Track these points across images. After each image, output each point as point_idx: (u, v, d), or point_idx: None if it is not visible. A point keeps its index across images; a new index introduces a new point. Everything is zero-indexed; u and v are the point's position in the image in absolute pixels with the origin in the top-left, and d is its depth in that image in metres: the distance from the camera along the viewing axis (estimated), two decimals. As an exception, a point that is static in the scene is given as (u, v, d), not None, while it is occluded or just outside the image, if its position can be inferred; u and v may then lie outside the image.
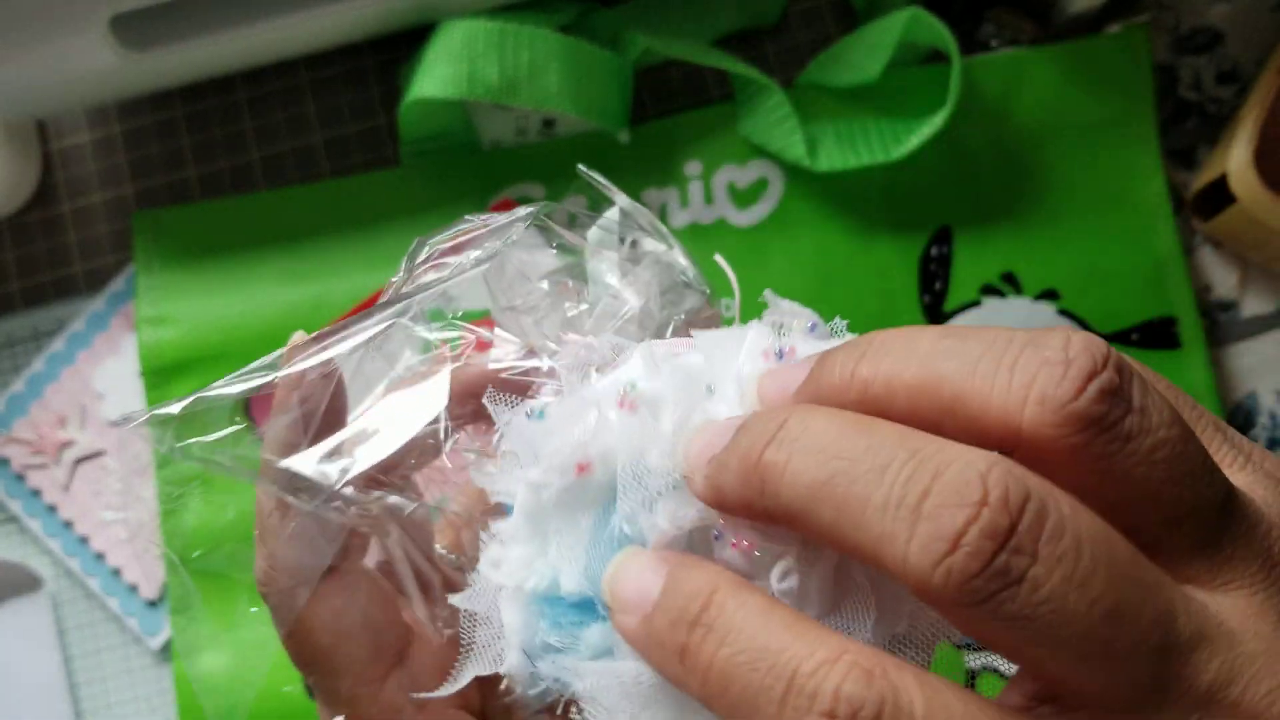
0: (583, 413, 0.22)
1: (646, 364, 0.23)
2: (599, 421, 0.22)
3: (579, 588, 0.21)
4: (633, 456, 0.21)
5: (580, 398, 0.23)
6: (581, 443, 0.21)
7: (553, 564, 0.22)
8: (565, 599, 0.22)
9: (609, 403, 0.22)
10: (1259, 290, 0.52)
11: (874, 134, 0.50)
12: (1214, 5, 0.53)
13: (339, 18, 0.47)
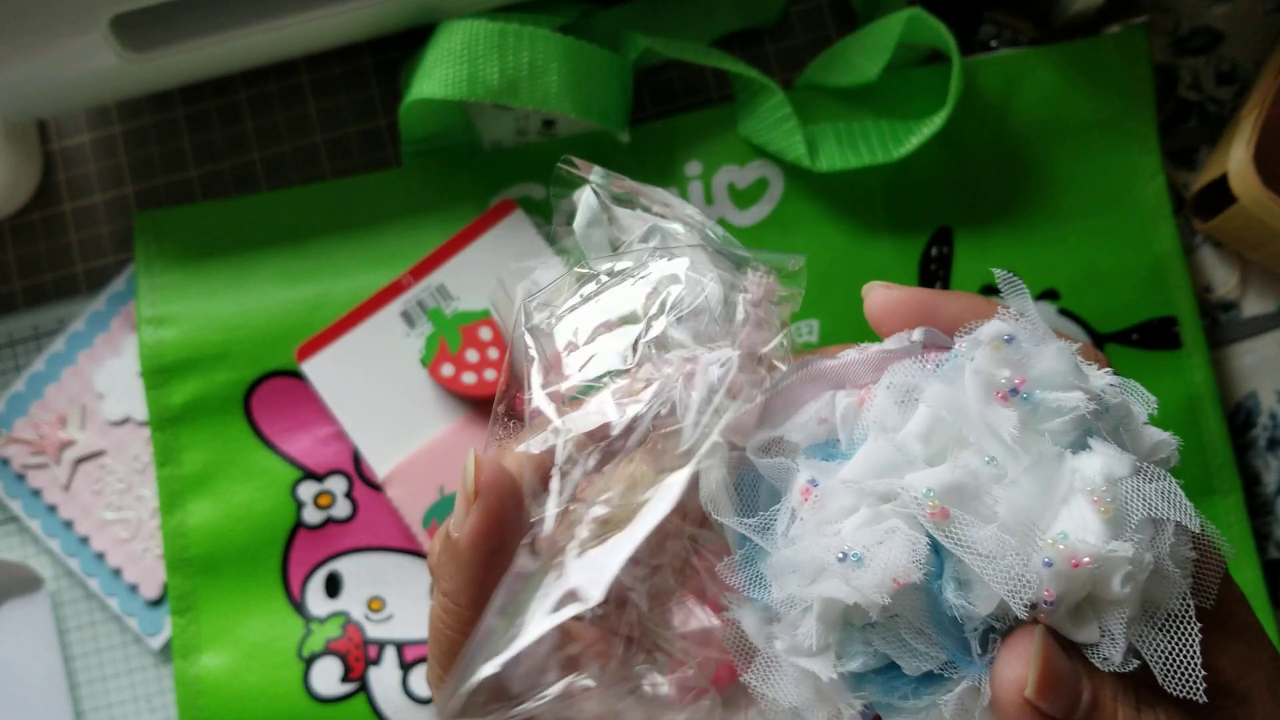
0: (887, 533, 0.22)
1: (921, 437, 0.23)
2: (915, 545, 0.22)
3: (929, 667, 0.22)
4: (968, 555, 0.22)
5: (876, 512, 0.23)
6: (897, 566, 0.22)
7: (878, 649, 0.23)
8: (903, 674, 0.23)
9: (913, 516, 0.22)
10: (1259, 290, 0.52)
11: (874, 134, 0.50)
12: (1213, 6, 0.53)
13: (339, 19, 0.47)
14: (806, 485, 0.24)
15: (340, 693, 0.49)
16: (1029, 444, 0.23)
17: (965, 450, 0.23)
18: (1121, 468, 0.22)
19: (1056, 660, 0.21)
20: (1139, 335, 0.50)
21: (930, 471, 0.23)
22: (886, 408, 0.24)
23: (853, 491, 0.23)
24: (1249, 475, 0.51)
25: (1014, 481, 0.22)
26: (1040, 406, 0.23)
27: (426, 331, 0.50)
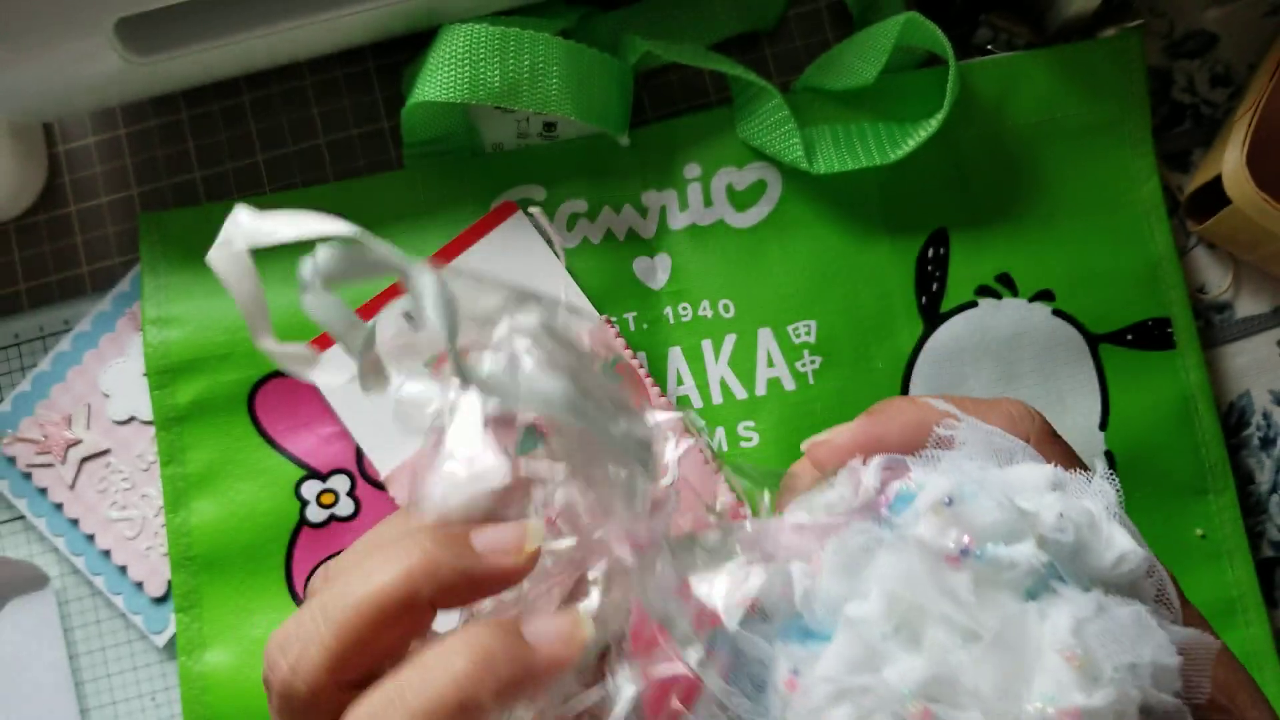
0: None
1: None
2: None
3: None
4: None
5: (859, 708, 0.22)
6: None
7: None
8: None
9: (897, 703, 0.22)
10: (1253, 291, 0.53)
11: (871, 137, 0.50)
12: (1207, 9, 0.54)
13: (343, 22, 0.47)
14: (790, 677, 0.24)
15: (343, 689, 0.50)
16: (989, 603, 0.23)
17: (929, 624, 0.23)
18: (1086, 610, 0.22)
19: None
20: (1133, 336, 0.51)
21: (904, 667, 0.22)
22: (837, 576, 0.24)
23: (830, 687, 0.23)
24: (1242, 474, 0.52)
25: (985, 654, 0.22)
26: (992, 562, 0.23)
27: (428, 332, 0.50)
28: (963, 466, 0.25)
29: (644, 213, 0.52)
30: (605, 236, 0.52)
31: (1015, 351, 0.51)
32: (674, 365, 0.51)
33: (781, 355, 0.51)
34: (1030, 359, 0.51)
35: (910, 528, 0.24)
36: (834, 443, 0.27)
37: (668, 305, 0.52)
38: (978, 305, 0.51)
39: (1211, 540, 0.50)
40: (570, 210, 0.52)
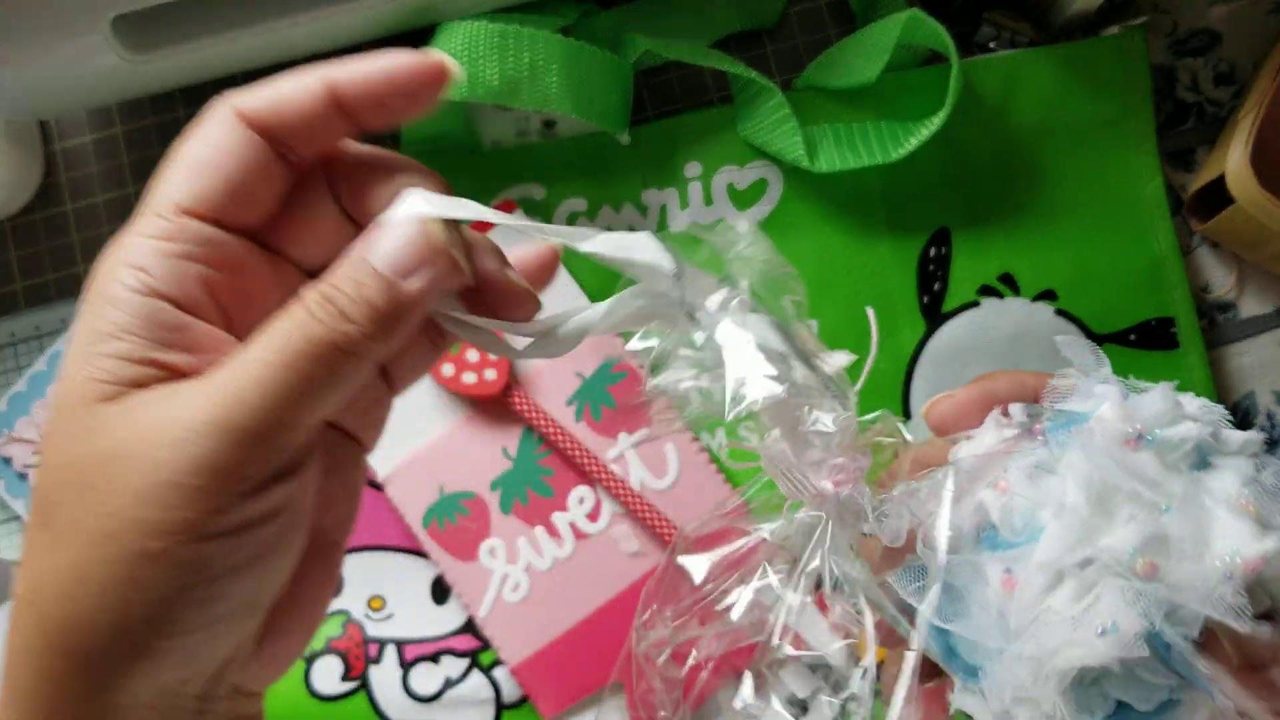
0: (1100, 596, 0.25)
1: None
2: (1138, 600, 0.24)
3: (1163, 696, 0.25)
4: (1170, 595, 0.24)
5: (1081, 580, 0.25)
6: (1136, 622, 0.24)
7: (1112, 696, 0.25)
8: (1136, 712, 0.25)
9: (1117, 574, 0.25)
10: (1256, 290, 0.52)
11: (872, 135, 0.50)
12: (1211, 7, 0.53)
13: (341, 20, 0.47)
14: (1005, 577, 0.26)
15: (341, 691, 0.50)
16: (1169, 476, 0.26)
17: (1123, 501, 0.25)
18: (1247, 470, 0.26)
19: (1244, 634, 0.24)
20: (1136, 336, 0.51)
21: (1121, 534, 0.25)
22: (1027, 488, 0.27)
23: (1049, 571, 0.25)
24: (1246, 475, 0.51)
25: (1179, 516, 0.25)
26: (1164, 442, 0.26)
27: (427, 331, 0.50)
28: (1096, 390, 0.28)
29: (644, 211, 0.52)
30: (605, 235, 0.51)
31: (1017, 351, 0.50)
32: (674, 365, 0.51)
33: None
34: (1033, 359, 0.50)
35: (1091, 425, 0.27)
36: (956, 398, 0.30)
37: (668, 305, 0.51)
38: (980, 305, 0.51)
39: None
40: (570, 209, 0.52)
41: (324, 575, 0.28)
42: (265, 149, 0.25)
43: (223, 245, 0.25)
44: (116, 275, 0.23)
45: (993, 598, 0.26)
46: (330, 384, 0.23)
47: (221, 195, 0.25)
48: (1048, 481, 0.26)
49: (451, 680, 0.50)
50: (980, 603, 0.26)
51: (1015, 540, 0.26)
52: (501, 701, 0.50)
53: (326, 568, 0.28)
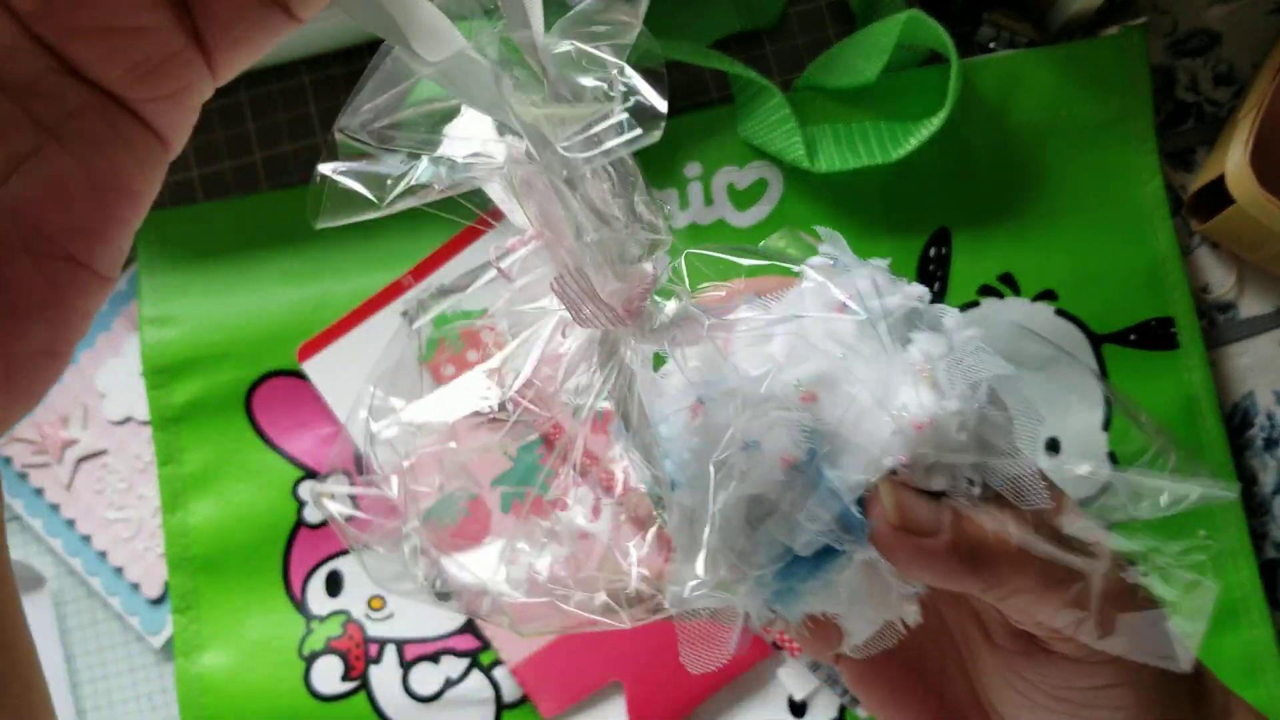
0: (769, 425, 0.26)
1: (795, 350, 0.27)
2: (793, 429, 0.26)
3: (822, 539, 0.26)
4: (834, 437, 0.26)
5: (757, 411, 0.27)
6: (783, 447, 0.26)
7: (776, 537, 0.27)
8: (800, 559, 0.27)
9: (788, 411, 0.26)
10: (1256, 291, 0.52)
11: (872, 135, 0.50)
12: (1211, 7, 0.53)
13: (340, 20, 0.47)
14: (695, 402, 0.27)
15: (341, 691, 0.50)
16: (866, 342, 0.27)
17: (816, 354, 0.27)
18: (937, 347, 0.27)
19: (907, 493, 0.26)
20: (1136, 336, 0.51)
21: (795, 368, 0.27)
22: (743, 342, 0.28)
23: (733, 400, 0.27)
24: (1246, 475, 0.51)
25: (857, 366, 0.27)
26: (870, 311, 0.28)
27: (427, 331, 0.50)
28: (813, 262, 0.30)
29: (644, 212, 0.52)
30: (605, 235, 0.51)
31: (1017, 351, 0.50)
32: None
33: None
34: (1033, 358, 0.50)
35: (804, 286, 0.29)
36: (731, 285, 0.31)
37: (668, 305, 0.51)
38: (980, 305, 0.51)
39: (1215, 542, 0.50)
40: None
41: (49, 295, 0.21)
42: None
43: None
44: None
45: (686, 422, 0.27)
46: None
47: None
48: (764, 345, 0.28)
49: (452, 680, 0.50)
50: (678, 429, 0.28)
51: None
52: (501, 701, 0.50)
53: (54, 288, 0.21)
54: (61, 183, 0.21)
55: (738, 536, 0.27)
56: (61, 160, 0.21)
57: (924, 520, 0.26)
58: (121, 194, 0.22)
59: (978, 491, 0.27)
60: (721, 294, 0.31)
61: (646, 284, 0.27)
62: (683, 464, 0.27)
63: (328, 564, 0.51)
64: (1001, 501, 0.27)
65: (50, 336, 0.21)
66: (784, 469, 0.26)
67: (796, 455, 0.26)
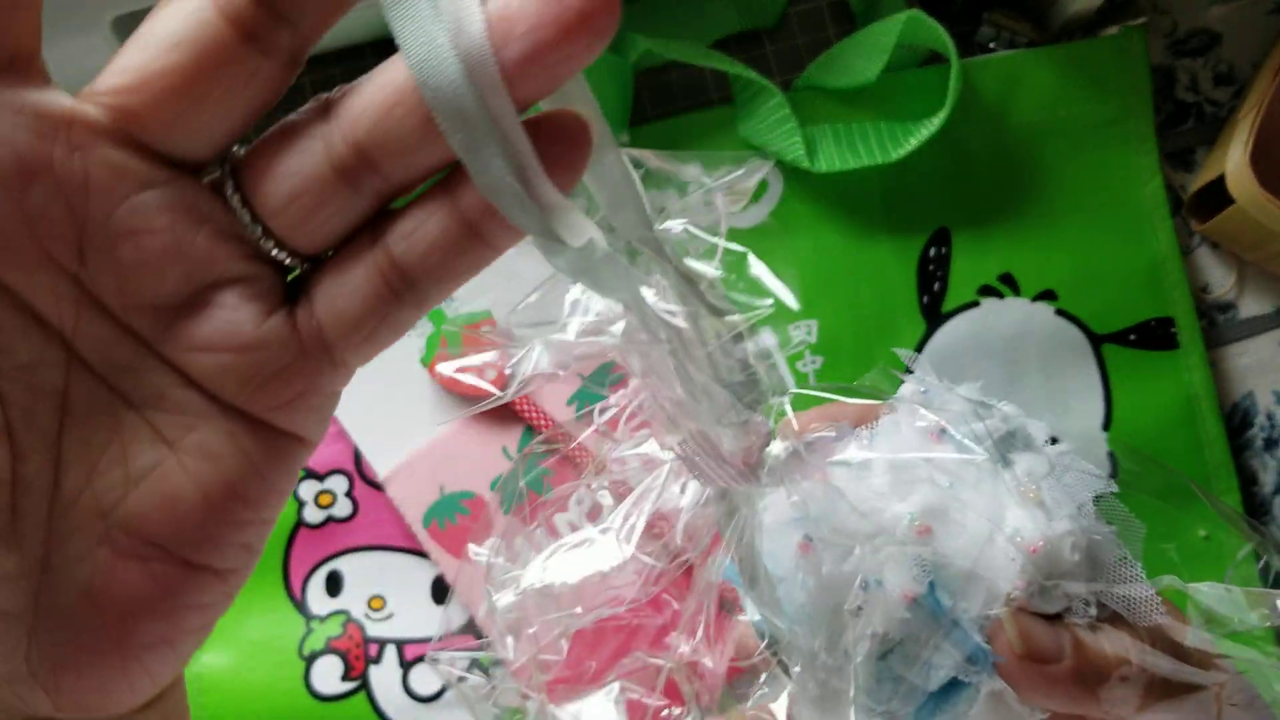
0: (885, 560, 0.26)
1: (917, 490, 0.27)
2: (912, 563, 0.26)
3: (947, 673, 0.26)
4: (951, 568, 0.26)
5: (872, 547, 0.27)
6: (904, 583, 0.26)
7: (900, 674, 0.27)
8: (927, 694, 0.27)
9: (903, 545, 0.26)
10: (1256, 291, 0.52)
11: (872, 135, 0.50)
12: (1211, 7, 0.53)
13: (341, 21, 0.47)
14: (804, 542, 0.27)
15: (341, 691, 0.50)
16: (969, 469, 0.27)
17: (922, 485, 0.27)
18: (1040, 466, 0.27)
19: (1029, 621, 0.26)
20: (1136, 336, 0.51)
21: (906, 502, 0.27)
22: (844, 476, 0.28)
23: (845, 537, 0.27)
24: (1246, 475, 0.51)
25: (965, 494, 0.27)
26: (967, 435, 0.28)
27: (427, 331, 0.50)
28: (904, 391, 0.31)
29: (644, 212, 0.52)
30: (605, 236, 0.52)
31: (1018, 351, 0.50)
32: (674, 365, 0.51)
33: (783, 355, 0.51)
34: (1033, 359, 0.50)
35: (899, 417, 0.29)
36: (806, 415, 0.31)
37: (668, 305, 0.51)
38: (980, 305, 0.51)
39: (1215, 541, 0.50)
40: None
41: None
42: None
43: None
44: None
45: (796, 557, 0.27)
46: None
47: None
48: (865, 475, 0.28)
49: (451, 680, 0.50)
50: (787, 565, 0.28)
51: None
52: (501, 701, 0.50)
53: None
54: (175, 499, 0.21)
55: (869, 678, 0.27)
56: (178, 476, 0.21)
57: (1047, 647, 0.26)
58: (237, 502, 0.22)
59: (1094, 611, 0.27)
60: (821, 428, 0.30)
61: (763, 436, 0.27)
62: (796, 604, 0.27)
63: (328, 564, 0.51)
64: (1118, 619, 0.27)
65: (166, 629, 0.22)
66: (906, 604, 0.26)
67: (918, 590, 0.26)
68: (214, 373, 0.21)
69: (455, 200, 0.21)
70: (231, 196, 0.21)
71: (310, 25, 0.22)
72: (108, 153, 0.20)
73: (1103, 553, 0.27)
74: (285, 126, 0.22)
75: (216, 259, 0.21)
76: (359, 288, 0.21)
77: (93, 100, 0.20)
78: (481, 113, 0.19)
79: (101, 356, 0.21)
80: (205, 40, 0.20)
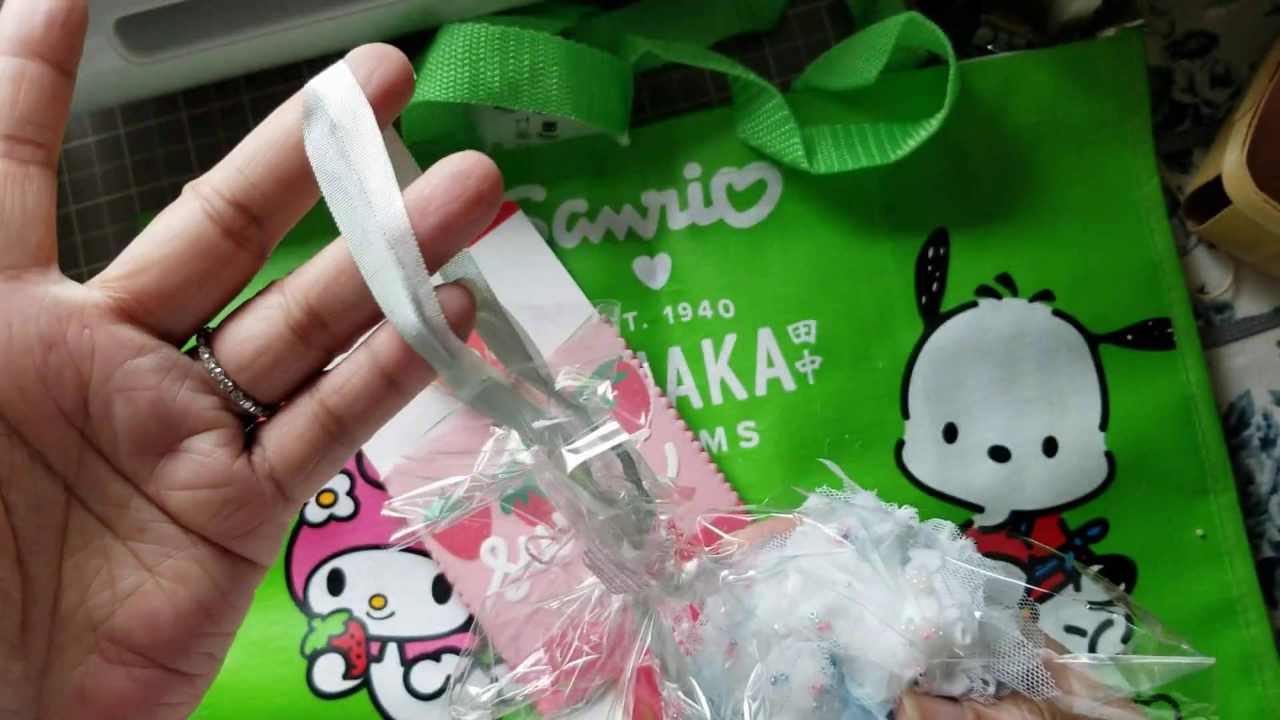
0: (795, 657, 0.29)
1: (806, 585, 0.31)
2: (818, 657, 0.29)
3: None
4: (855, 658, 0.29)
5: (783, 647, 0.30)
6: (811, 675, 0.29)
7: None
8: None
9: (810, 642, 0.29)
10: (1253, 291, 0.53)
11: (871, 137, 0.50)
12: (1208, 9, 0.54)
13: (343, 22, 0.47)
14: (730, 646, 0.31)
15: (342, 689, 0.50)
16: (867, 568, 0.30)
17: (826, 586, 0.30)
18: (933, 561, 0.30)
19: (929, 701, 0.28)
20: (1133, 336, 0.51)
21: (808, 601, 0.30)
22: (762, 584, 0.31)
23: (759, 639, 0.30)
24: (1242, 475, 0.52)
25: (865, 594, 0.30)
26: (865, 541, 0.31)
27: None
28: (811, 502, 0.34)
29: (644, 213, 0.52)
30: (605, 236, 0.52)
31: (1015, 352, 0.51)
32: (674, 365, 0.51)
33: (781, 355, 0.51)
34: (1030, 359, 0.51)
35: (807, 529, 0.32)
36: (744, 533, 0.35)
37: (668, 305, 0.52)
38: (978, 305, 0.51)
39: (1212, 540, 0.50)
40: (570, 210, 0.52)
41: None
42: None
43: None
44: None
45: (722, 662, 0.31)
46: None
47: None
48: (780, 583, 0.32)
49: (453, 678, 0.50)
50: (718, 670, 0.31)
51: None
52: (502, 700, 0.50)
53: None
54: (154, 615, 0.26)
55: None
56: (156, 596, 0.26)
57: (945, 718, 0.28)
58: (204, 618, 0.27)
59: (992, 690, 0.29)
60: (735, 543, 0.34)
61: (664, 547, 0.31)
62: (724, 703, 0.30)
63: (329, 563, 0.51)
64: (1017, 696, 0.29)
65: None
66: (815, 695, 0.29)
67: (824, 681, 0.29)
68: (189, 507, 0.26)
69: (377, 358, 0.26)
70: (207, 360, 0.27)
71: (276, 224, 0.27)
72: (111, 328, 0.26)
73: (995, 634, 0.29)
74: (245, 305, 0.27)
75: (194, 409, 0.26)
76: (303, 433, 0.27)
77: (101, 285, 0.26)
78: (403, 279, 0.24)
79: (97, 496, 0.26)
80: (195, 235, 0.26)
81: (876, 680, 0.29)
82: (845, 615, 0.29)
